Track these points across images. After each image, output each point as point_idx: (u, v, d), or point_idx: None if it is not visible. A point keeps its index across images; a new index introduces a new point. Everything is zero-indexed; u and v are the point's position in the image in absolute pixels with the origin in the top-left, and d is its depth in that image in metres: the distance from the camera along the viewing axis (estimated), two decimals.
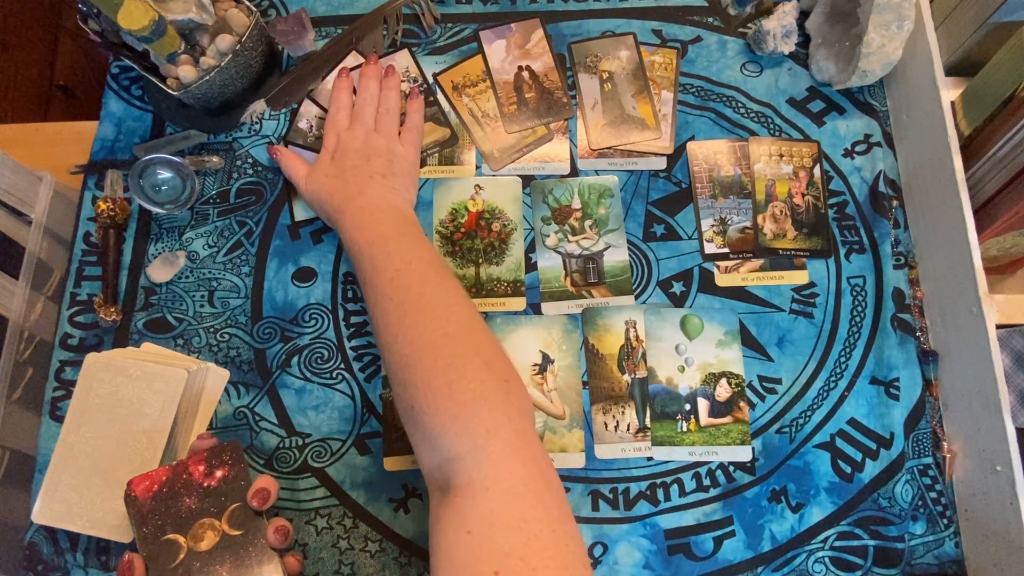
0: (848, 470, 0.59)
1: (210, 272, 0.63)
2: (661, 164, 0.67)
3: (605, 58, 0.70)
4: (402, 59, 0.69)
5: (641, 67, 0.69)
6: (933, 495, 0.59)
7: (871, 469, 0.59)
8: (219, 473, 0.47)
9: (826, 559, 0.57)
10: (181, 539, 0.45)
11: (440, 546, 0.41)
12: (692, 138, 0.68)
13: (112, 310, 0.61)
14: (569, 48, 0.70)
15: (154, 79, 0.63)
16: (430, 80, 0.69)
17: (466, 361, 0.47)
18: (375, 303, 0.51)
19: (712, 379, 0.61)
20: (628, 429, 0.59)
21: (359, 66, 0.69)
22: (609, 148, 0.67)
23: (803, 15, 0.70)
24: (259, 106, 0.67)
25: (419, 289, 0.50)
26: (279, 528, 0.46)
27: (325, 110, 0.68)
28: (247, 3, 0.64)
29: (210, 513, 0.46)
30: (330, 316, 0.62)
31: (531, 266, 0.64)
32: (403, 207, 0.58)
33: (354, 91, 0.64)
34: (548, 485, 0.43)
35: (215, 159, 0.66)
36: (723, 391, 0.60)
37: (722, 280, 0.64)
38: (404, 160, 0.61)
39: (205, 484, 0.47)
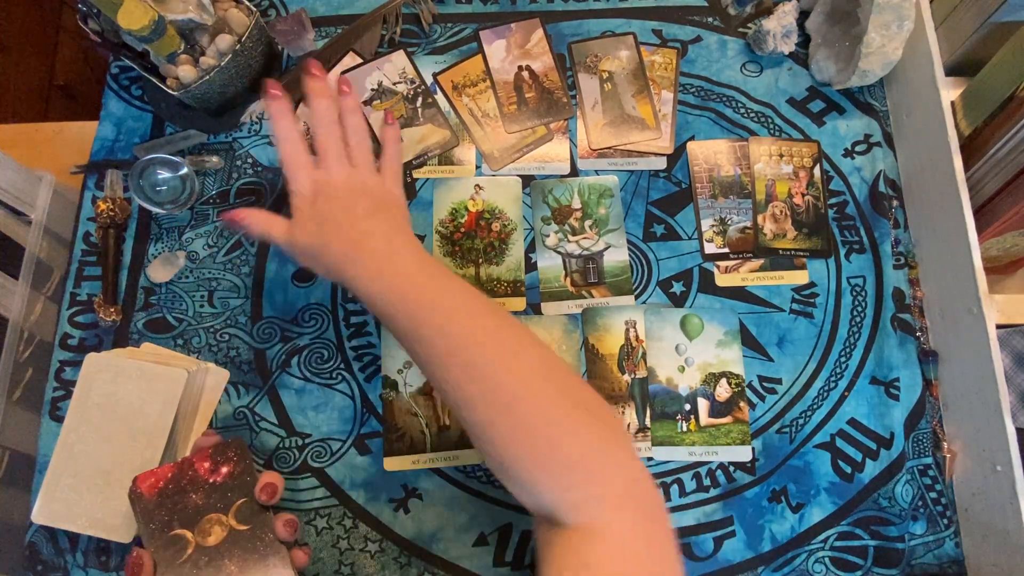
0: (848, 470, 0.59)
1: (210, 272, 0.63)
2: (661, 164, 0.67)
3: (605, 58, 0.70)
4: (398, 60, 0.69)
5: (641, 67, 0.69)
6: (933, 495, 0.59)
7: (871, 469, 0.59)
8: (224, 469, 0.47)
9: (826, 559, 0.57)
10: (188, 534, 0.45)
11: (555, 573, 0.41)
12: (692, 138, 0.68)
13: (112, 310, 0.61)
14: (569, 48, 0.70)
15: (154, 79, 0.63)
16: (428, 80, 0.69)
17: (562, 412, 0.43)
18: (428, 358, 0.45)
19: (712, 379, 0.61)
20: (628, 429, 0.59)
21: (357, 66, 0.69)
22: (609, 148, 0.67)
23: (803, 15, 0.70)
24: (259, 106, 0.67)
25: (480, 339, 0.44)
26: (288, 521, 0.46)
27: None
28: (247, 3, 0.64)
29: (216, 508, 0.46)
30: (330, 316, 0.62)
31: (531, 266, 0.64)
32: (415, 243, 0.50)
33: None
34: (664, 536, 0.42)
35: (215, 159, 0.66)
36: (723, 391, 0.60)
37: (722, 280, 0.64)
38: (391, 195, 0.52)
39: (211, 480, 0.47)
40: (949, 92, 0.61)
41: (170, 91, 0.62)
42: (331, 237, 0.48)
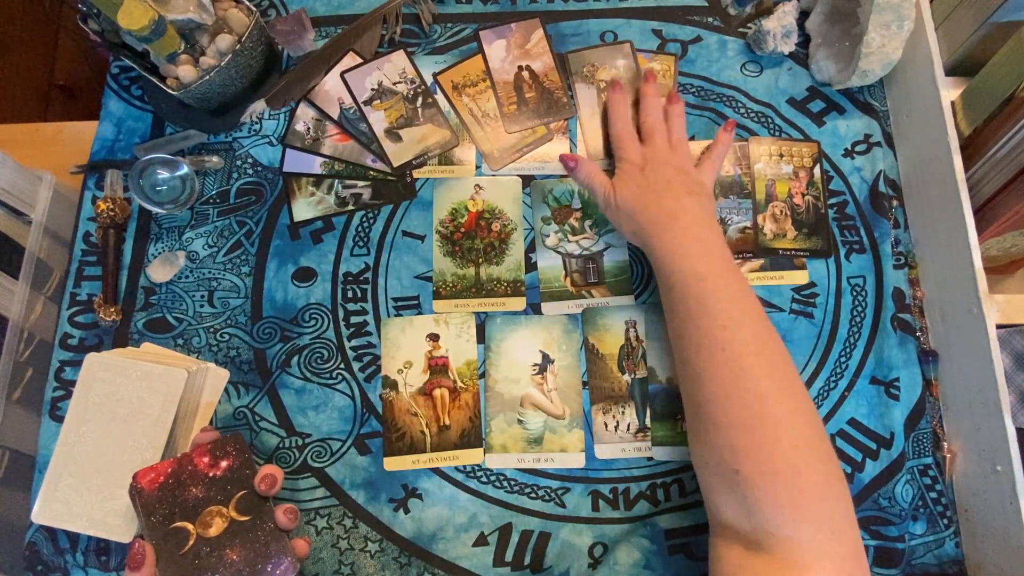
0: (848, 470, 0.59)
1: (210, 272, 0.63)
2: None
3: (602, 68, 0.69)
4: (399, 60, 0.69)
5: (638, 75, 0.69)
6: (933, 495, 0.59)
7: (871, 469, 0.59)
8: (224, 463, 0.48)
9: None
10: (189, 526, 0.46)
11: None
12: (692, 138, 0.68)
13: (112, 310, 0.61)
14: (565, 58, 0.70)
15: (154, 79, 0.63)
16: (428, 80, 0.69)
17: (812, 447, 0.45)
18: (698, 346, 0.49)
19: None
20: (628, 429, 0.59)
21: (357, 66, 0.69)
22: (609, 159, 0.67)
23: (803, 15, 0.70)
24: (259, 106, 0.67)
25: (756, 348, 0.47)
26: (288, 510, 0.47)
27: (322, 112, 0.68)
28: (247, 3, 0.64)
29: (217, 501, 0.47)
30: (330, 316, 0.62)
31: (531, 266, 0.64)
32: (721, 236, 0.54)
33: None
34: None
35: (215, 159, 0.66)
36: None
37: None
38: (704, 186, 0.58)
39: (211, 474, 0.47)
40: (949, 92, 0.61)
41: (170, 91, 0.62)
42: (650, 202, 0.55)
